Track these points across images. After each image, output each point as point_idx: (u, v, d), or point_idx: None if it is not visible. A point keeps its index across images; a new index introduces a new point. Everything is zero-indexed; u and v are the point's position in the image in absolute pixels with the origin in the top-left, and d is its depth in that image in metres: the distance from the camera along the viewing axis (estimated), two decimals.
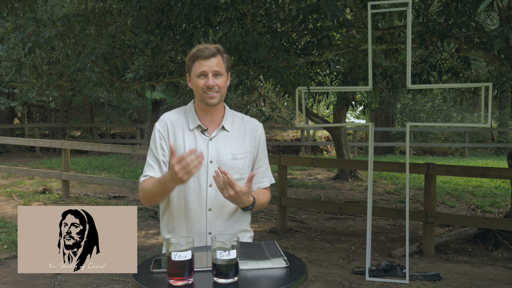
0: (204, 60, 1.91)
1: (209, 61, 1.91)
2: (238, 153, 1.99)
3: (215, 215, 1.96)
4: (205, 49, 1.91)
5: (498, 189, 9.08)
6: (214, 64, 1.92)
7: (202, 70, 1.92)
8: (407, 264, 4.34)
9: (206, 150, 1.95)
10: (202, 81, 1.92)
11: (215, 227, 1.96)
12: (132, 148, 7.97)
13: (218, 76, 1.93)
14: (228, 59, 2.01)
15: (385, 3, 4.47)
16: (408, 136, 4.43)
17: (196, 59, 1.93)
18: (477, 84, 4.38)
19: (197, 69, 1.93)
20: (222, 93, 1.96)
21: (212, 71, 1.92)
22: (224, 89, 1.97)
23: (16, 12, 5.13)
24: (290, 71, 4.56)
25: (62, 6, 11.04)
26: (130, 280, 4.36)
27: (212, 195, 1.95)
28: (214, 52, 1.92)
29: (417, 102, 17.27)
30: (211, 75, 1.92)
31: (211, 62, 1.92)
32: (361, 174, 10.54)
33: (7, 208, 7.36)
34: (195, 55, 1.93)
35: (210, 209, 1.95)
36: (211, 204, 1.95)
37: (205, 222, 1.95)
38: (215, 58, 1.92)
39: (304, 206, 6.81)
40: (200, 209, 1.95)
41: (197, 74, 1.93)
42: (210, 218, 1.96)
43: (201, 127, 1.98)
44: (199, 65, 1.92)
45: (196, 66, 1.94)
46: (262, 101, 6.32)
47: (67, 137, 17.87)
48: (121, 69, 4.90)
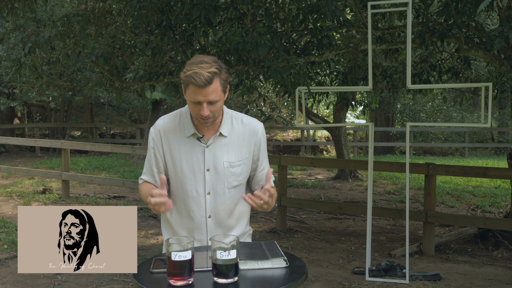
0: (198, 89, 1.75)
1: (204, 90, 1.75)
2: (236, 160, 1.94)
3: (215, 222, 1.97)
4: (199, 76, 1.72)
5: (498, 189, 9.08)
6: (209, 93, 1.76)
7: (196, 100, 1.78)
8: (407, 264, 4.34)
9: (202, 158, 1.91)
10: (196, 107, 1.80)
11: (215, 233, 1.97)
12: (132, 148, 7.97)
13: (214, 102, 1.79)
14: (227, 77, 1.83)
15: (385, 3, 4.47)
16: (408, 136, 4.43)
17: (189, 83, 1.76)
18: (477, 84, 4.38)
19: (191, 95, 1.78)
20: (217, 116, 1.85)
21: (207, 101, 1.77)
22: (220, 110, 1.86)
23: (16, 12, 5.13)
24: (290, 71, 4.55)
25: (62, 6, 11.04)
26: (130, 280, 4.36)
27: (211, 203, 1.94)
28: (209, 79, 1.73)
29: (417, 102, 17.27)
30: (206, 104, 1.78)
31: (206, 91, 1.75)
32: (361, 174, 10.54)
33: (7, 208, 7.36)
34: (187, 80, 1.75)
35: (209, 216, 1.95)
36: (210, 211, 1.95)
37: (206, 229, 1.96)
38: (211, 85, 1.75)
39: (304, 206, 6.81)
40: (200, 217, 1.95)
41: (190, 100, 1.80)
42: (210, 225, 1.96)
43: (197, 135, 1.92)
44: (193, 93, 1.77)
45: (190, 90, 1.78)
46: (262, 101, 6.32)
47: (67, 137, 17.87)
48: (121, 69, 4.90)
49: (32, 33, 4.35)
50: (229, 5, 4.53)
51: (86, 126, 18.01)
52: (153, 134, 1.97)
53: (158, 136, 1.96)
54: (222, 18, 4.98)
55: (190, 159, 1.92)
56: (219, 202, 1.95)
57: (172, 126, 1.96)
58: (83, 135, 18.00)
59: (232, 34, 4.02)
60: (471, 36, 5.47)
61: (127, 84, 5.45)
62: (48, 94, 14.45)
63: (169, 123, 1.97)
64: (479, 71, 8.37)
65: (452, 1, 4.58)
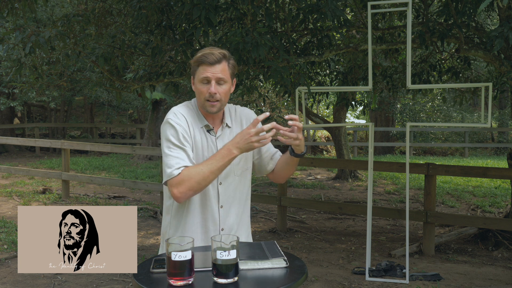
0: (209, 66, 1.87)
1: (213, 67, 1.87)
2: None
3: (226, 211, 1.99)
4: (210, 54, 1.87)
5: (498, 189, 9.08)
6: (218, 71, 1.87)
7: (205, 76, 1.87)
8: (407, 264, 4.35)
9: (215, 149, 1.94)
10: (204, 87, 1.88)
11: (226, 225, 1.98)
12: (132, 148, 7.97)
13: (222, 83, 1.89)
14: (234, 65, 1.96)
15: (385, 3, 4.47)
16: (408, 136, 4.43)
17: (200, 63, 1.88)
18: (477, 84, 4.38)
19: (200, 74, 1.88)
20: (223, 102, 1.92)
21: (216, 78, 1.87)
22: (226, 97, 1.93)
23: (16, 12, 5.13)
24: (290, 71, 4.56)
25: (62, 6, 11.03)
26: (130, 280, 4.36)
27: (222, 192, 1.96)
28: (219, 58, 1.87)
29: (417, 102, 17.27)
30: (214, 82, 1.87)
31: (216, 69, 1.87)
32: (361, 174, 10.54)
33: (7, 208, 7.36)
34: (199, 59, 1.88)
35: (221, 206, 1.97)
36: (222, 201, 1.97)
37: (218, 219, 1.96)
38: (220, 65, 1.87)
39: (304, 206, 6.81)
40: (214, 207, 1.96)
41: (200, 80, 1.89)
42: (222, 215, 1.98)
43: (208, 126, 1.97)
44: (203, 70, 1.88)
45: (200, 71, 1.89)
46: (262, 101, 6.32)
47: (67, 137, 17.86)
48: (121, 69, 4.90)
49: (32, 33, 4.35)
50: (229, 5, 4.53)
51: (86, 126, 18.01)
52: (177, 120, 1.90)
53: (183, 120, 1.92)
54: (222, 18, 4.98)
55: (206, 149, 1.94)
56: (229, 190, 1.97)
57: (190, 114, 1.96)
58: (83, 135, 18.00)
59: (232, 34, 4.02)
60: (471, 36, 5.47)
61: (127, 84, 5.45)
62: (48, 94, 14.46)
63: (187, 111, 1.96)
64: (479, 71, 8.36)
65: (452, 1, 4.57)
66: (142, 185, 7.52)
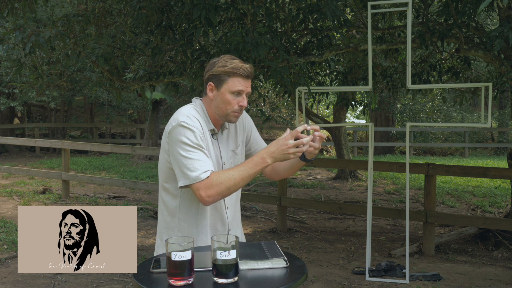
0: (243, 79, 1.88)
1: (247, 81, 1.89)
2: (236, 148, 2.03)
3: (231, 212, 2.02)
4: (245, 68, 1.87)
5: (498, 189, 9.08)
6: (249, 85, 1.90)
7: (240, 89, 1.87)
8: (407, 264, 4.35)
9: (219, 153, 1.96)
10: (235, 99, 1.88)
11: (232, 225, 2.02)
12: (132, 148, 7.97)
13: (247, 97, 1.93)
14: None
15: (385, 3, 4.47)
16: (408, 136, 4.43)
17: (233, 75, 1.87)
18: (477, 84, 4.38)
19: (234, 86, 1.87)
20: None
21: (248, 92, 1.90)
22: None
23: (16, 12, 5.13)
24: (290, 71, 4.56)
25: (62, 6, 11.03)
26: (130, 280, 4.36)
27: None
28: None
29: (417, 102, 17.27)
30: (245, 95, 1.90)
31: (248, 83, 1.89)
32: (361, 174, 10.54)
33: (7, 208, 7.36)
34: (233, 71, 1.86)
35: (227, 207, 2.00)
36: (228, 202, 2.00)
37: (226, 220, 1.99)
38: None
39: (304, 206, 6.81)
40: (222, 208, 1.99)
41: (232, 91, 1.87)
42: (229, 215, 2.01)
43: (214, 131, 1.97)
44: (237, 82, 1.87)
45: (233, 82, 1.87)
46: (262, 101, 6.32)
47: (67, 137, 17.86)
48: (121, 69, 4.90)
49: (32, 33, 4.35)
50: (229, 5, 4.53)
51: (86, 126, 18.00)
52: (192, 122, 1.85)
53: (198, 123, 1.87)
54: (222, 18, 4.98)
55: (212, 153, 1.94)
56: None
57: (201, 117, 1.93)
58: (83, 135, 18.00)
59: (232, 34, 4.02)
60: (471, 36, 5.47)
61: (127, 84, 5.45)
62: (48, 94, 14.45)
63: (198, 114, 1.93)
64: (479, 71, 8.36)
65: (452, 1, 4.58)
66: (142, 185, 7.52)
